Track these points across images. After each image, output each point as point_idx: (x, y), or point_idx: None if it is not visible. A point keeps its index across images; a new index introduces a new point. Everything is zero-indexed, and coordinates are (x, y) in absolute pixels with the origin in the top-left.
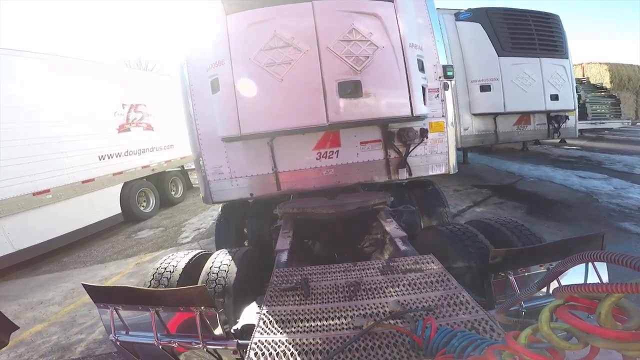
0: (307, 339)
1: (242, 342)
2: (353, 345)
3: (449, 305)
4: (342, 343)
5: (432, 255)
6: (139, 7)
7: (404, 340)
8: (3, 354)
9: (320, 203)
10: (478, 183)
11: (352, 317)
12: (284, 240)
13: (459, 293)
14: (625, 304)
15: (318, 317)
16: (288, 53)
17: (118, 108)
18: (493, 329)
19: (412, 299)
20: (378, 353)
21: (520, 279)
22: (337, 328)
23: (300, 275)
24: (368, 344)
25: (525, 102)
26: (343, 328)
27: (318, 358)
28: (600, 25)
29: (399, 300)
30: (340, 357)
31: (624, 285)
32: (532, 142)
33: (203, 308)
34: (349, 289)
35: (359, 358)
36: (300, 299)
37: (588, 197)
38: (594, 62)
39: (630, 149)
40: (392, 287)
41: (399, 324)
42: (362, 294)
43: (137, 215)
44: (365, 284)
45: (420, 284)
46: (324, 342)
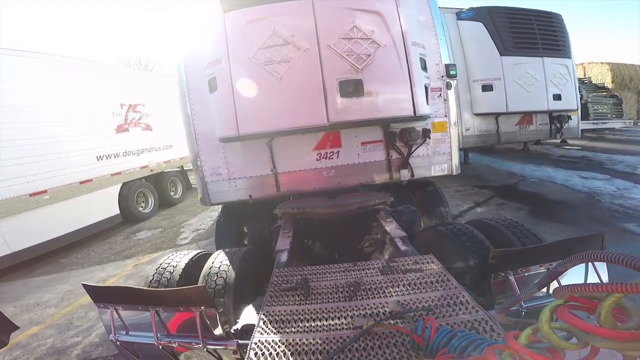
0: (307, 339)
1: (242, 342)
2: (353, 346)
3: (449, 305)
4: (342, 343)
5: (432, 256)
6: (139, 7)
7: (404, 341)
8: None
9: (320, 203)
10: (479, 183)
11: (352, 317)
12: (284, 240)
13: (459, 293)
14: (626, 304)
15: (318, 317)
16: (287, 51)
17: (116, 108)
18: (493, 329)
19: (412, 299)
20: (378, 353)
21: (520, 279)
22: (337, 328)
23: (300, 275)
24: (368, 344)
25: (528, 101)
26: (343, 328)
27: (318, 358)
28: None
29: (399, 301)
30: (340, 357)
31: (624, 285)
32: (532, 142)
33: (203, 308)
34: (349, 289)
35: (359, 358)
36: (300, 299)
37: (590, 197)
38: (596, 61)
39: (632, 149)
40: (392, 287)
41: (399, 324)
42: (362, 294)
43: (135, 216)
44: (365, 284)
45: (420, 284)
46: (324, 342)
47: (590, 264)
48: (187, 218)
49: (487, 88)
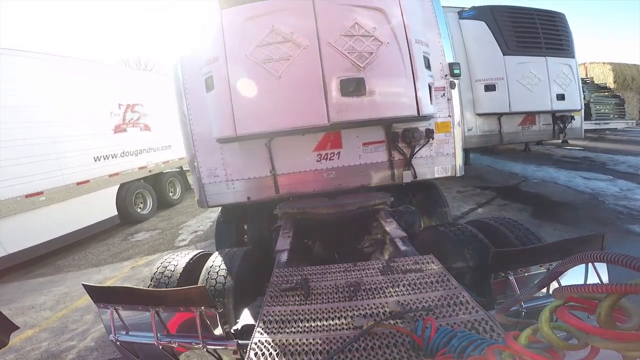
0: (307, 339)
1: (242, 342)
2: (353, 346)
3: (449, 306)
4: (342, 343)
5: (432, 256)
6: (139, 7)
7: (404, 341)
8: None
9: (321, 203)
10: (481, 184)
11: (352, 317)
12: (284, 241)
13: (459, 293)
14: (625, 305)
15: (318, 317)
16: (286, 49)
17: (114, 108)
18: (493, 329)
19: (412, 299)
20: (378, 353)
21: (520, 279)
22: (337, 328)
23: (301, 276)
24: (368, 344)
25: (531, 101)
26: (343, 328)
27: (318, 358)
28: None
29: (399, 301)
30: (341, 357)
31: (624, 286)
32: (534, 142)
33: (203, 308)
34: (349, 289)
35: (359, 358)
36: (301, 299)
37: (594, 198)
38: (597, 61)
39: (634, 150)
40: (392, 287)
41: (399, 324)
42: (362, 294)
43: (133, 217)
44: (366, 284)
45: (420, 284)
46: (324, 342)
47: (590, 265)
48: (185, 219)
49: (489, 88)
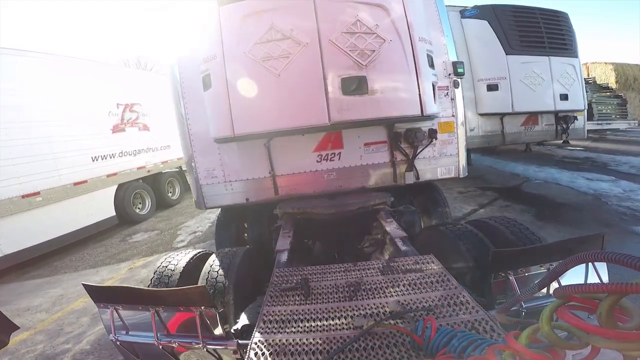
0: (307, 339)
1: (242, 342)
2: (353, 346)
3: (449, 306)
4: (342, 343)
5: (432, 256)
6: (139, 7)
7: (404, 341)
8: None
9: (321, 203)
10: (482, 185)
11: (352, 317)
12: (284, 241)
13: (459, 293)
14: (626, 304)
15: (318, 317)
16: (286, 46)
17: (112, 108)
18: (493, 329)
19: (412, 299)
20: (378, 353)
21: (521, 279)
22: (337, 328)
23: (301, 276)
24: (368, 344)
25: (534, 101)
26: (343, 328)
27: (318, 358)
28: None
29: (399, 301)
30: (341, 357)
31: (625, 285)
32: (535, 142)
33: (203, 308)
34: (349, 289)
35: (359, 358)
36: (301, 299)
37: (597, 199)
38: (599, 61)
39: (635, 150)
40: (392, 287)
41: (399, 324)
42: (362, 294)
43: (132, 218)
44: (366, 284)
45: (421, 284)
46: (324, 342)
47: (591, 264)
48: (184, 220)
49: (492, 87)
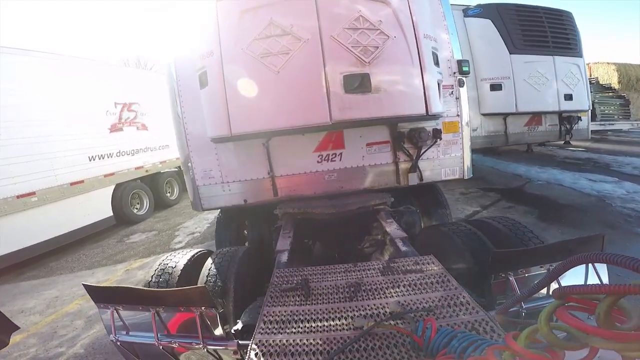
0: (307, 340)
1: (242, 342)
2: (353, 346)
3: (449, 306)
4: (342, 344)
5: (432, 256)
6: (139, 7)
7: (405, 341)
8: None
9: (321, 203)
10: (484, 186)
11: (352, 317)
12: (285, 241)
13: (459, 294)
14: (625, 305)
15: (318, 317)
16: (286, 42)
17: (110, 107)
18: (493, 330)
19: (412, 300)
20: (378, 354)
21: (521, 280)
22: (337, 329)
23: (301, 276)
24: (368, 345)
25: (539, 101)
26: (343, 329)
27: (318, 358)
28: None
29: (400, 301)
30: (341, 357)
31: (624, 286)
32: (536, 143)
33: (203, 308)
34: (350, 290)
35: (360, 359)
36: (301, 300)
37: (600, 201)
38: (602, 62)
39: (638, 151)
40: (392, 287)
41: (400, 325)
42: (362, 295)
43: (129, 218)
44: (366, 285)
45: (421, 285)
46: (325, 342)
47: (591, 265)
48: (182, 220)
49: (495, 87)
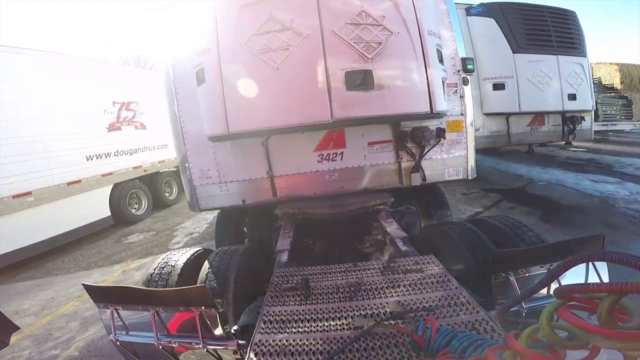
0: (307, 339)
1: (242, 342)
2: (353, 346)
3: (450, 306)
4: (342, 343)
5: (432, 256)
6: (139, 7)
7: (405, 341)
8: None
9: (321, 203)
10: (486, 186)
11: (352, 317)
12: (285, 241)
13: (460, 293)
14: (626, 304)
15: (318, 317)
16: (286, 37)
17: (108, 106)
18: (494, 330)
19: (412, 300)
20: (379, 353)
21: (521, 280)
22: (337, 328)
23: (301, 276)
24: (369, 345)
25: (542, 101)
26: (343, 328)
27: (318, 358)
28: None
29: (400, 301)
30: (341, 357)
31: (625, 285)
32: (537, 143)
33: (203, 308)
34: (350, 290)
35: (360, 358)
36: (301, 299)
37: (603, 202)
38: (604, 62)
39: (639, 152)
40: (392, 287)
41: (400, 325)
42: (362, 295)
43: (127, 218)
44: (366, 285)
45: (421, 285)
46: (325, 342)
47: (591, 264)
48: (181, 221)
49: (498, 87)
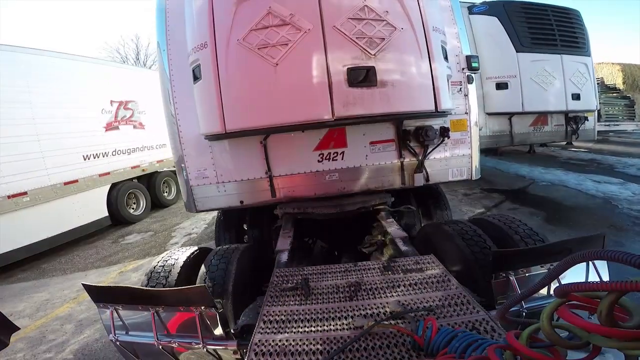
0: (307, 339)
1: (242, 342)
2: (354, 346)
3: (450, 306)
4: (342, 343)
5: (432, 256)
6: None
7: (405, 341)
8: None
9: (321, 203)
10: (487, 187)
11: (352, 317)
12: (285, 240)
13: (460, 293)
14: (627, 303)
15: (318, 317)
16: (285, 32)
17: (105, 105)
18: (494, 329)
19: (412, 299)
20: (379, 353)
21: (522, 280)
22: (337, 328)
23: (301, 276)
24: (369, 344)
25: (546, 101)
26: (343, 328)
27: (318, 358)
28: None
29: (400, 301)
30: (341, 357)
31: (626, 283)
32: (538, 144)
33: (203, 308)
34: (350, 289)
35: (360, 358)
36: (301, 299)
37: (607, 203)
38: (606, 62)
39: None
40: (392, 287)
41: (400, 324)
42: (362, 294)
43: (125, 219)
44: (366, 284)
45: (421, 284)
46: (325, 342)
47: (591, 263)
48: (179, 221)
49: (501, 86)
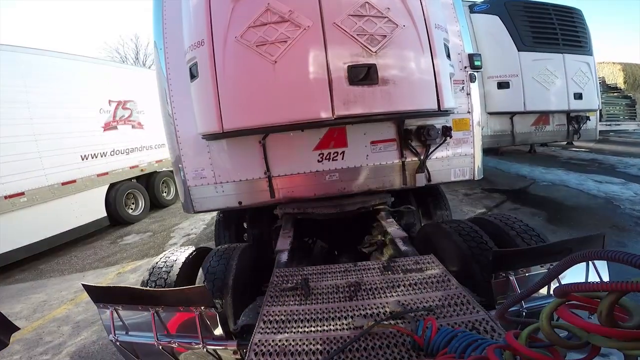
0: (307, 339)
1: (242, 342)
2: (353, 346)
3: (450, 306)
4: (342, 343)
5: (432, 256)
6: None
7: (405, 341)
8: None
9: (321, 203)
10: (488, 187)
11: (352, 317)
12: (284, 240)
13: (460, 293)
14: (627, 303)
15: (318, 317)
16: (284, 29)
17: (104, 105)
18: (494, 329)
19: (412, 299)
20: (379, 353)
21: (521, 279)
22: (337, 328)
23: (301, 275)
24: (368, 344)
25: (547, 100)
26: (343, 328)
27: (318, 358)
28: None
29: (400, 301)
30: (341, 357)
31: (626, 283)
32: (538, 144)
33: (203, 308)
34: (350, 289)
35: (360, 358)
36: (301, 299)
37: (609, 203)
38: (607, 61)
39: None
40: (392, 287)
41: (400, 324)
42: (362, 294)
43: (124, 219)
44: (366, 284)
45: (421, 284)
46: (324, 342)
47: (591, 263)
48: (178, 221)
49: (503, 85)
